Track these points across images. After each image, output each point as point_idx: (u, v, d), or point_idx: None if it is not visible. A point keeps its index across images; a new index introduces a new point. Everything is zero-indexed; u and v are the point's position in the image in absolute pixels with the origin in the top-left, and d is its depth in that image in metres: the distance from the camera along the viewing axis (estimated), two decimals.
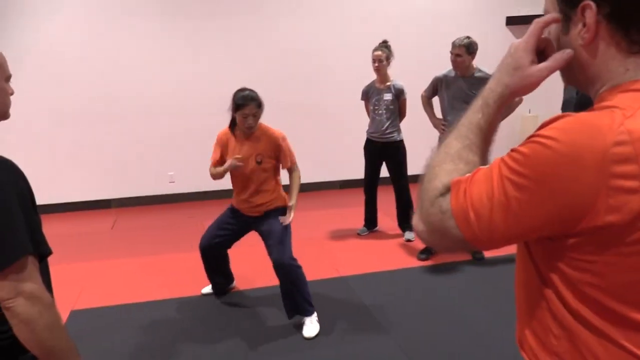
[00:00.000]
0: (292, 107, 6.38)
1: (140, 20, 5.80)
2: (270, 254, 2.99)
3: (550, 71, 0.87)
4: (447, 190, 0.84)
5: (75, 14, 5.63)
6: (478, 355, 2.76)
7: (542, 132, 0.78)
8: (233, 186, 3.28)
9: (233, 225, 3.27)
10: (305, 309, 3.03)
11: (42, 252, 1.23)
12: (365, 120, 4.71)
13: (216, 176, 3.21)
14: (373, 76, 4.59)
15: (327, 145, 6.62)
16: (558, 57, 0.86)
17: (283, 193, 3.24)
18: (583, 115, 0.76)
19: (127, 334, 3.09)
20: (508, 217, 0.77)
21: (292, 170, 3.18)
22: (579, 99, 3.35)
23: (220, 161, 3.23)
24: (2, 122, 1.37)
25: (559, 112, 6.73)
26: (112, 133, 5.95)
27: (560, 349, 0.84)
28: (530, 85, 0.89)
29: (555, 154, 0.73)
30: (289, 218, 3.11)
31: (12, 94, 1.33)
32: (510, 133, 7.17)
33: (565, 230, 0.76)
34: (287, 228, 3.10)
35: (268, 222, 3.12)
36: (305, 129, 6.49)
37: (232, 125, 3.16)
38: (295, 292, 3.00)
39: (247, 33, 6.14)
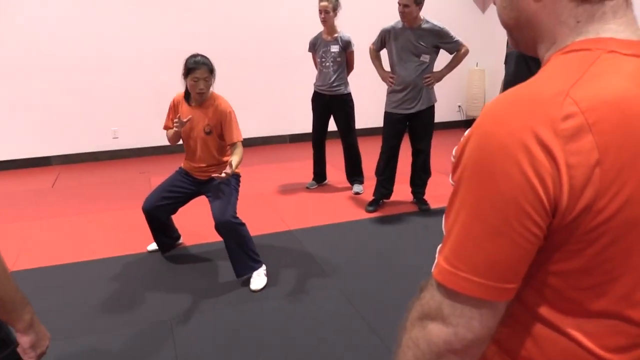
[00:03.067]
0: (239, 61, 6.23)
1: None
2: (213, 214, 2.95)
3: None
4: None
5: None
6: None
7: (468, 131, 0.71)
8: (185, 150, 3.23)
9: (181, 189, 3.21)
10: (251, 267, 3.04)
11: None
12: (314, 73, 4.65)
13: (170, 140, 3.20)
14: (321, 27, 4.50)
15: (276, 99, 6.53)
16: None
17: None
18: (519, 89, 0.68)
19: (69, 294, 3.03)
20: (495, 242, 0.66)
21: (234, 147, 3.07)
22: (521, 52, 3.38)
23: (172, 125, 3.17)
24: None
25: (503, 67, 6.77)
26: (51, 88, 5.66)
27: (502, 335, 0.78)
28: None
29: (484, 152, 0.65)
30: (227, 171, 2.87)
31: None
32: (458, 86, 7.27)
33: (560, 222, 0.65)
34: (232, 189, 3.07)
35: (215, 184, 3.10)
36: (253, 82, 6.36)
37: (187, 94, 3.11)
38: (239, 251, 2.99)
39: None
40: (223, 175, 2.81)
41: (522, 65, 3.29)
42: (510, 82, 3.45)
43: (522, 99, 0.66)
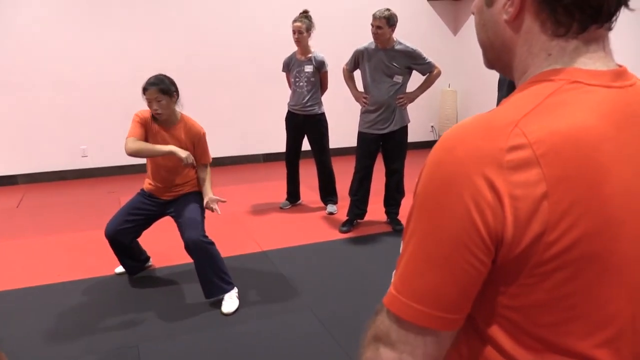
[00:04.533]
0: (212, 80, 6.19)
1: None
2: (181, 233, 2.88)
3: None
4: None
5: None
6: None
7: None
8: (149, 172, 3.14)
9: (144, 211, 3.11)
10: (222, 288, 2.96)
11: None
12: (288, 93, 4.64)
13: (141, 152, 2.85)
14: (295, 47, 4.50)
15: (249, 118, 6.49)
16: None
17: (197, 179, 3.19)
18: (476, 117, 0.67)
19: (32, 319, 2.90)
20: (439, 273, 0.65)
21: (205, 167, 3.11)
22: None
23: (141, 138, 2.94)
24: None
25: (477, 86, 6.87)
26: (17, 105, 5.52)
27: None
28: None
29: (434, 181, 0.65)
30: (213, 206, 3.04)
31: None
32: (431, 107, 7.36)
33: (507, 254, 0.64)
34: (198, 207, 3.02)
35: (180, 204, 3.04)
36: (226, 101, 6.33)
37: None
38: (209, 271, 2.91)
39: (162, 4, 5.84)
40: (188, 161, 2.85)
41: (513, 90, 3.33)
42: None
43: (474, 128, 0.65)
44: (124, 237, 3.12)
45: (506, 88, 3.38)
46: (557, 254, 0.62)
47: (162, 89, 2.86)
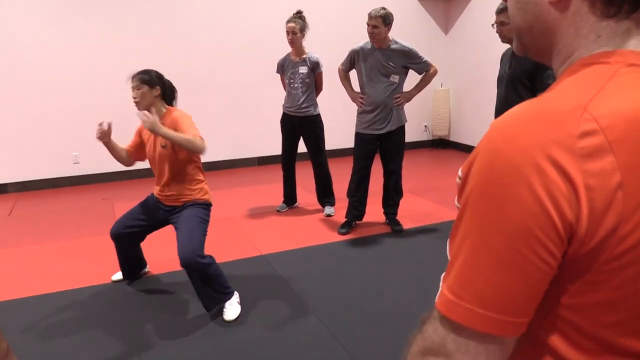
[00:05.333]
0: (205, 84, 6.14)
1: None
2: (178, 250, 2.78)
3: None
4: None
5: None
6: (399, 326, 2.78)
7: (475, 149, 0.64)
8: (154, 175, 3.11)
9: (149, 216, 3.07)
10: (220, 299, 2.89)
11: None
12: (282, 94, 4.59)
13: (119, 160, 3.14)
14: (289, 48, 4.46)
15: (243, 121, 6.44)
16: None
17: (206, 187, 3.06)
18: (531, 103, 0.62)
19: (25, 331, 2.83)
20: (505, 273, 0.59)
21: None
22: (511, 74, 3.33)
23: (134, 147, 3.12)
24: None
25: (470, 85, 6.88)
26: (7, 111, 5.43)
27: None
28: None
29: (492, 172, 0.59)
30: (142, 117, 2.68)
31: None
32: (424, 106, 7.34)
33: (578, 250, 0.59)
34: (201, 221, 2.89)
35: (183, 215, 2.93)
36: (219, 105, 6.27)
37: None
38: (206, 287, 2.83)
39: (153, 8, 5.78)
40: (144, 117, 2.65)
41: (511, 89, 3.30)
42: (500, 106, 3.43)
43: (534, 114, 0.60)
44: (127, 239, 3.10)
45: (504, 86, 3.36)
46: (629, 248, 0.58)
47: (142, 78, 2.87)
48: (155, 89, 2.89)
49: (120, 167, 5.91)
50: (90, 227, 4.44)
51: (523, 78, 3.23)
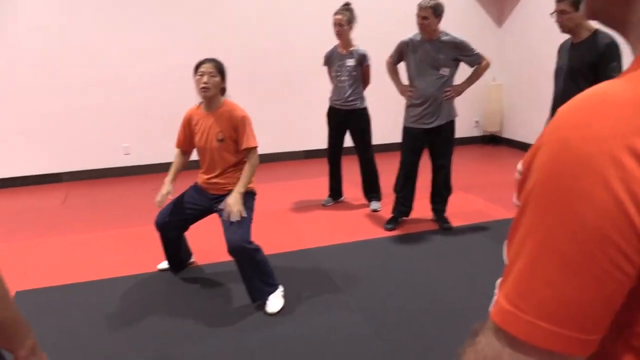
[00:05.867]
0: (253, 75, 6.15)
1: None
2: (225, 236, 2.79)
3: None
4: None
5: None
6: (443, 327, 2.68)
7: (539, 138, 0.56)
8: (200, 164, 3.11)
9: (193, 205, 3.08)
10: (266, 292, 2.88)
11: None
12: (330, 87, 4.54)
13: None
14: (337, 40, 4.40)
15: (291, 114, 6.43)
16: None
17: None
18: (604, 88, 0.54)
19: (75, 316, 2.90)
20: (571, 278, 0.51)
21: (248, 152, 2.93)
22: (570, 66, 3.17)
23: (185, 141, 3.13)
24: None
25: (524, 80, 6.63)
26: (62, 104, 5.61)
27: None
28: None
29: (560, 164, 0.52)
30: (232, 210, 2.78)
31: None
32: (475, 101, 7.13)
33: None
34: (247, 209, 2.88)
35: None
36: (266, 98, 6.27)
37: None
38: (253, 276, 2.83)
39: (205, 3, 5.83)
40: (233, 214, 2.76)
41: (570, 82, 3.14)
42: (558, 100, 3.28)
43: (611, 98, 0.51)
44: (172, 229, 3.12)
45: (562, 78, 3.20)
46: None
47: (219, 67, 2.88)
48: (224, 81, 2.92)
49: (168, 159, 6.00)
50: (138, 216, 4.53)
51: (584, 70, 3.06)
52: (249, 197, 2.97)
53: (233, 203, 2.80)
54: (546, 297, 0.51)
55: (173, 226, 3.12)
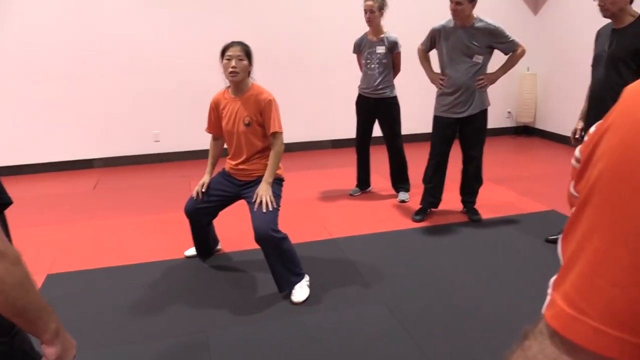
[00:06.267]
0: (278, 64, 6.11)
1: None
2: (253, 224, 2.77)
3: None
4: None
5: None
6: (471, 320, 2.62)
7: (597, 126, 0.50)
8: (227, 149, 3.09)
9: (221, 192, 3.06)
10: (292, 282, 2.86)
11: (5, 202, 1.05)
12: (358, 76, 4.47)
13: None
14: (366, 28, 4.32)
15: (317, 103, 6.37)
16: None
17: (280, 163, 3.04)
18: None
19: (103, 300, 2.93)
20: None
21: (274, 137, 2.89)
22: (611, 53, 3.03)
23: (214, 126, 3.11)
24: None
25: (559, 70, 6.41)
26: (94, 90, 5.67)
27: None
28: None
29: (632, 150, 0.45)
30: (262, 201, 2.77)
31: None
32: (508, 91, 6.97)
33: None
34: (274, 196, 2.86)
35: (255, 190, 2.91)
36: (293, 86, 6.23)
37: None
38: (280, 266, 2.81)
39: None
40: (262, 205, 2.74)
41: (612, 70, 3.00)
42: (597, 89, 3.14)
43: None
44: (201, 216, 3.12)
45: (603, 65, 3.06)
46: None
47: (247, 51, 2.85)
48: (251, 64, 2.89)
49: (196, 146, 6.04)
50: (167, 203, 4.56)
51: (626, 57, 2.92)
52: (276, 184, 2.94)
53: (262, 193, 2.79)
54: (615, 300, 0.45)
55: (202, 213, 3.11)
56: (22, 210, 4.42)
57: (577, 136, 3.39)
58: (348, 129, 6.20)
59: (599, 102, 3.09)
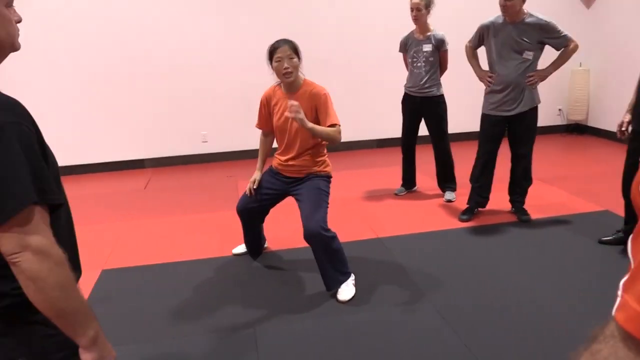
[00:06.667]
0: (324, 63, 6.12)
1: None
2: (302, 221, 2.78)
3: None
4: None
5: None
6: (522, 323, 2.56)
7: None
8: (277, 145, 3.09)
9: (269, 190, 3.09)
10: (339, 280, 2.86)
11: (51, 202, 1.08)
12: (403, 75, 4.44)
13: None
14: (412, 26, 4.29)
15: (362, 103, 6.36)
16: None
17: (327, 160, 3.04)
18: None
19: (157, 294, 3.02)
20: None
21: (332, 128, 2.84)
22: None
23: (265, 122, 3.10)
24: (35, 86, 1.20)
25: (613, 66, 6.21)
26: (145, 92, 5.84)
27: None
28: None
29: None
30: (293, 109, 2.63)
31: (18, 21, 1.14)
32: (559, 88, 6.77)
33: None
34: (322, 193, 2.87)
35: (305, 187, 2.92)
36: (338, 86, 6.22)
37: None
38: (329, 265, 2.82)
39: None
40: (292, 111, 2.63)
41: None
42: None
43: None
44: (252, 214, 3.17)
45: None
46: None
47: (295, 48, 2.82)
48: (300, 60, 2.86)
49: (244, 146, 6.13)
50: (215, 202, 4.65)
51: None
52: (324, 180, 2.95)
53: (302, 115, 2.67)
54: None
55: (254, 211, 3.15)
56: (77, 208, 4.59)
57: (623, 129, 3.27)
58: (393, 128, 6.16)
59: None
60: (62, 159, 5.78)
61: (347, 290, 2.85)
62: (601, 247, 3.36)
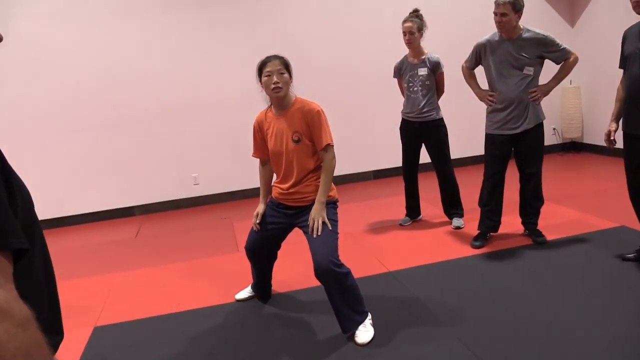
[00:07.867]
0: (314, 98, 5.99)
1: (152, 20, 5.50)
2: (312, 256, 2.56)
3: None
4: None
5: (83, 19, 5.35)
6: (559, 353, 2.34)
7: None
8: (275, 173, 2.89)
9: (273, 224, 2.86)
10: (356, 321, 2.62)
11: (15, 247, 0.86)
12: (396, 103, 4.31)
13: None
14: (404, 52, 4.19)
15: (356, 135, 6.22)
16: None
17: (332, 184, 2.82)
18: None
19: (156, 349, 2.75)
20: None
21: (325, 151, 2.68)
22: None
23: (260, 149, 2.93)
24: (17, 136, 1.01)
25: (603, 82, 6.18)
26: (129, 138, 5.66)
27: None
28: None
29: None
30: (317, 223, 2.59)
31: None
32: (551, 107, 6.70)
33: None
34: (331, 223, 2.64)
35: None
36: (330, 119, 6.10)
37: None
38: (344, 304, 2.58)
39: (262, 25, 5.78)
40: (318, 228, 2.56)
41: None
42: (635, 85, 2.99)
43: None
44: (259, 252, 2.97)
45: (638, 62, 2.94)
46: None
47: (285, 63, 2.68)
48: (291, 77, 2.72)
49: (236, 187, 5.94)
50: (211, 246, 4.41)
51: None
52: (331, 207, 2.72)
53: (317, 216, 2.60)
54: None
55: (259, 248, 2.95)
56: (66, 262, 4.34)
57: (612, 138, 3.21)
58: (389, 158, 6.03)
59: (638, 100, 2.98)
60: (48, 211, 5.54)
61: (365, 332, 2.60)
62: (626, 265, 3.18)
